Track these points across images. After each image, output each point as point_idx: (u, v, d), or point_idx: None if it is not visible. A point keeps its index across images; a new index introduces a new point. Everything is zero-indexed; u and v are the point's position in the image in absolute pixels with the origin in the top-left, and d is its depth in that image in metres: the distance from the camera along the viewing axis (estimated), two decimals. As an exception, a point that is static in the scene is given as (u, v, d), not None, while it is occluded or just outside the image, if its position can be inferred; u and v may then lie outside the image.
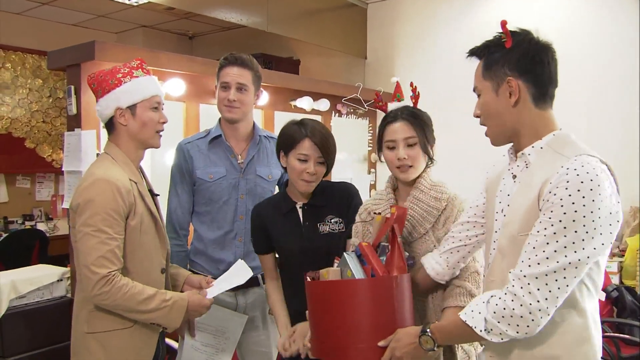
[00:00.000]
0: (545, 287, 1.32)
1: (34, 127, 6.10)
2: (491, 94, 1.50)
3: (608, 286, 3.50)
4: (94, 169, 1.92)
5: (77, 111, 2.89)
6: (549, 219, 1.33)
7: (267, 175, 2.53)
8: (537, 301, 1.33)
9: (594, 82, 4.28)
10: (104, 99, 1.96)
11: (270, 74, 4.31)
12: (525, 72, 1.46)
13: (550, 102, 1.51)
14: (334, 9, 5.37)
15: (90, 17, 6.14)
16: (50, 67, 3.25)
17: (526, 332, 1.35)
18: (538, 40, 1.48)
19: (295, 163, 2.03)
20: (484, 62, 1.52)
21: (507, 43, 1.47)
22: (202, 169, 2.43)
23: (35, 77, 6.07)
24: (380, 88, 5.27)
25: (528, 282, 1.34)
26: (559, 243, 1.32)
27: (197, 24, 6.46)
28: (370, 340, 1.64)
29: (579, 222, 1.30)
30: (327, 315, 1.70)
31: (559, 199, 1.32)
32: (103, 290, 1.76)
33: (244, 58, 2.42)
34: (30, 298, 2.71)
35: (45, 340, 2.70)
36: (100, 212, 1.79)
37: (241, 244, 2.46)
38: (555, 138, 1.46)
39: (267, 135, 2.60)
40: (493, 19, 5.24)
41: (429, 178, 1.92)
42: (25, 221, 5.91)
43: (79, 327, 1.92)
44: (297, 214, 2.15)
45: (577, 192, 1.30)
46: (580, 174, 1.32)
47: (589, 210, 1.29)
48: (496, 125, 1.53)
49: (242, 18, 4.46)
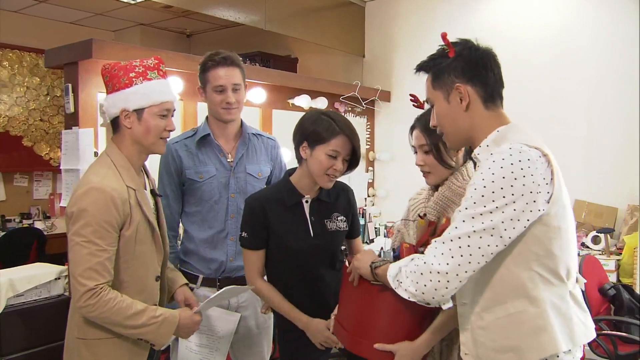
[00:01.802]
0: (449, 252, 1.41)
1: (32, 125, 6.09)
2: (443, 102, 1.58)
3: (605, 284, 3.51)
4: (91, 174, 1.85)
5: (74, 109, 2.88)
6: (465, 197, 1.45)
7: (257, 173, 2.50)
8: (438, 263, 1.42)
9: (593, 81, 4.29)
10: (112, 96, 1.89)
11: (268, 72, 4.31)
12: (472, 77, 1.53)
13: (500, 102, 1.58)
14: (332, 7, 5.36)
15: (88, 15, 6.13)
16: (48, 65, 3.24)
17: (423, 291, 1.44)
18: (478, 47, 1.56)
19: (323, 158, 1.98)
20: (431, 73, 1.60)
21: (450, 53, 1.55)
22: (191, 169, 2.40)
23: (32, 75, 6.06)
24: (378, 86, 5.29)
25: (435, 246, 1.45)
26: (467, 212, 1.41)
27: (195, 22, 6.45)
28: (385, 340, 1.71)
29: (487, 198, 1.38)
30: (352, 304, 1.79)
31: (473, 180, 1.44)
32: (89, 302, 1.73)
33: (232, 57, 2.39)
34: (28, 296, 2.70)
35: (43, 338, 2.69)
36: (92, 223, 1.74)
37: (233, 242, 2.44)
38: (498, 134, 1.52)
39: (255, 133, 2.58)
40: (491, 17, 5.25)
41: (462, 176, 1.86)
42: (23, 220, 5.90)
43: (71, 330, 1.89)
44: (303, 208, 2.09)
45: (488, 170, 1.40)
46: (497, 158, 1.40)
47: (499, 186, 1.38)
48: (452, 131, 1.60)
49: (239, 16, 4.46)
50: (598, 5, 4.31)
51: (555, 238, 1.43)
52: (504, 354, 1.46)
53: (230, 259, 2.44)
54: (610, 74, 4.24)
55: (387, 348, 1.69)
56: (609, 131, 4.20)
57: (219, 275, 2.44)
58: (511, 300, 1.45)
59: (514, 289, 1.44)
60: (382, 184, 5.44)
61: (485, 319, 1.49)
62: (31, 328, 2.67)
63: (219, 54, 2.37)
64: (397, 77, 5.40)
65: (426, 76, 1.62)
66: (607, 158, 4.11)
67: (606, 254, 3.93)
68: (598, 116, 4.26)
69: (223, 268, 2.43)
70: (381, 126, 5.47)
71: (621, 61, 4.20)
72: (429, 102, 1.63)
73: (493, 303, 1.48)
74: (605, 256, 3.90)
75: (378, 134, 5.51)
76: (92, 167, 1.93)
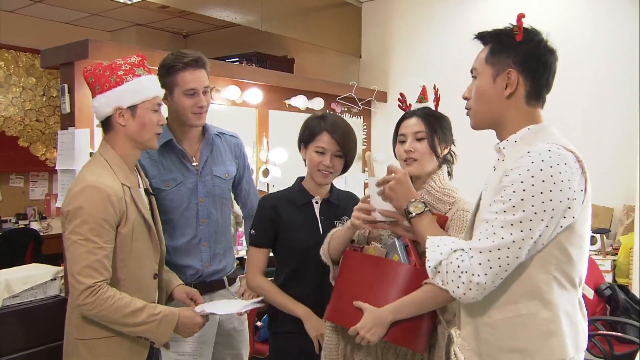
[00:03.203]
0: (487, 263, 1.37)
1: (28, 125, 6.08)
2: (488, 79, 1.52)
3: (601, 284, 3.52)
4: (86, 173, 1.85)
5: (70, 110, 2.88)
6: (500, 197, 1.39)
7: (224, 174, 2.45)
8: (478, 274, 1.37)
9: (590, 82, 4.30)
10: (103, 96, 1.88)
11: (265, 72, 4.31)
12: (528, 69, 1.49)
13: (541, 104, 1.54)
14: (328, 7, 5.37)
15: (84, 15, 6.12)
16: (44, 65, 3.23)
17: (456, 293, 1.41)
18: (547, 44, 1.51)
19: (313, 155, 2.11)
20: (490, 47, 1.54)
21: (518, 36, 1.49)
22: (156, 177, 2.28)
23: (28, 75, 6.05)
24: (374, 87, 5.29)
25: (472, 255, 1.39)
26: (505, 219, 1.36)
27: (191, 23, 6.45)
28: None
29: (527, 202, 1.34)
30: (355, 287, 1.80)
31: (510, 180, 1.38)
32: (87, 300, 1.73)
33: (202, 58, 2.28)
34: (23, 297, 2.70)
35: (39, 339, 2.69)
36: (89, 221, 1.74)
37: (207, 248, 2.39)
38: (529, 131, 1.50)
39: (218, 132, 2.49)
40: (487, 18, 5.27)
41: (439, 181, 1.91)
42: (19, 220, 5.89)
43: (69, 331, 1.89)
44: (313, 208, 2.18)
45: (527, 172, 1.35)
46: (535, 158, 1.36)
47: (539, 191, 1.34)
48: (483, 111, 1.55)
49: (236, 16, 4.46)
50: (596, 5, 4.32)
51: (576, 245, 1.42)
52: (509, 354, 1.44)
53: (206, 265, 2.39)
54: (607, 74, 4.25)
55: (361, 306, 1.72)
56: (605, 131, 4.21)
57: (194, 280, 2.38)
58: (524, 301, 1.42)
59: (529, 290, 1.42)
60: (378, 185, 5.44)
61: (493, 317, 1.47)
62: (27, 329, 2.66)
63: (187, 55, 2.24)
64: (393, 77, 5.40)
65: (479, 45, 1.57)
66: (603, 158, 4.11)
67: (602, 254, 3.94)
68: (595, 116, 4.28)
69: (199, 274, 2.38)
70: (378, 127, 5.47)
71: (619, 61, 4.21)
72: (473, 73, 1.58)
73: (504, 302, 1.45)
74: (601, 256, 3.91)
75: (375, 134, 5.51)
76: (86, 166, 1.93)
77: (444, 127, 1.94)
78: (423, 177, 1.93)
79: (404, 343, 1.77)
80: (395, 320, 1.70)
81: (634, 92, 4.03)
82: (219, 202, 2.43)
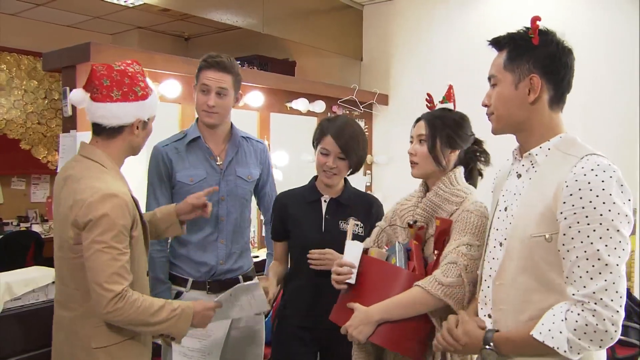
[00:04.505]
0: (616, 295, 1.35)
1: (29, 128, 6.09)
2: (510, 86, 1.51)
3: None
4: (94, 181, 1.79)
5: (72, 113, 2.88)
6: (587, 225, 1.34)
7: (247, 176, 2.51)
8: (616, 311, 1.34)
9: (590, 82, 4.29)
10: (128, 105, 1.85)
11: (266, 75, 4.31)
12: (550, 72, 1.47)
13: (562, 106, 1.53)
14: (329, 10, 5.37)
15: (86, 18, 6.13)
16: (46, 68, 3.24)
17: (608, 343, 1.36)
18: (564, 44, 1.49)
19: (319, 156, 2.25)
20: (507, 53, 1.52)
21: (535, 40, 1.47)
22: (182, 171, 2.39)
23: (30, 78, 6.07)
24: (375, 89, 5.29)
25: (601, 297, 1.34)
26: (607, 248, 1.33)
27: (193, 26, 6.46)
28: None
29: (612, 226, 1.33)
30: (354, 289, 1.86)
31: (580, 206, 1.34)
32: (117, 306, 1.71)
33: (225, 61, 2.37)
34: (25, 300, 2.70)
35: (40, 342, 2.68)
36: (113, 229, 1.74)
37: (223, 246, 2.45)
38: (562, 140, 1.48)
39: (245, 136, 2.58)
40: (488, 21, 5.25)
41: (449, 183, 1.90)
42: (20, 223, 5.90)
43: (81, 344, 1.84)
44: (321, 206, 2.30)
45: (597, 197, 1.33)
46: (597, 176, 1.34)
47: (616, 211, 1.33)
48: (505, 116, 1.54)
49: (237, 19, 4.46)
50: (596, 6, 4.32)
51: None
52: None
53: (221, 262, 2.43)
54: (607, 74, 4.24)
55: (353, 306, 1.78)
56: (605, 131, 4.20)
57: (208, 278, 2.43)
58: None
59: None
60: (379, 187, 5.44)
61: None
62: (28, 331, 2.66)
63: (215, 57, 2.37)
64: (395, 80, 5.40)
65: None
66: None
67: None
68: (595, 116, 4.27)
69: (213, 271, 2.43)
70: (379, 129, 5.47)
71: (619, 61, 4.20)
72: (492, 80, 1.56)
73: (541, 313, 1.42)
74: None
75: (376, 137, 5.51)
76: (84, 174, 1.84)
77: (454, 130, 1.92)
78: (434, 177, 1.93)
79: (391, 345, 1.77)
80: (383, 320, 1.72)
81: (634, 92, 4.03)
82: (240, 203, 2.50)
